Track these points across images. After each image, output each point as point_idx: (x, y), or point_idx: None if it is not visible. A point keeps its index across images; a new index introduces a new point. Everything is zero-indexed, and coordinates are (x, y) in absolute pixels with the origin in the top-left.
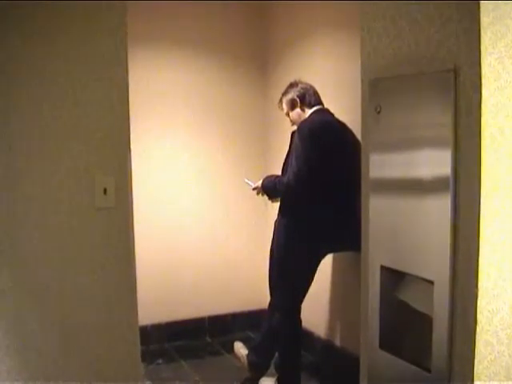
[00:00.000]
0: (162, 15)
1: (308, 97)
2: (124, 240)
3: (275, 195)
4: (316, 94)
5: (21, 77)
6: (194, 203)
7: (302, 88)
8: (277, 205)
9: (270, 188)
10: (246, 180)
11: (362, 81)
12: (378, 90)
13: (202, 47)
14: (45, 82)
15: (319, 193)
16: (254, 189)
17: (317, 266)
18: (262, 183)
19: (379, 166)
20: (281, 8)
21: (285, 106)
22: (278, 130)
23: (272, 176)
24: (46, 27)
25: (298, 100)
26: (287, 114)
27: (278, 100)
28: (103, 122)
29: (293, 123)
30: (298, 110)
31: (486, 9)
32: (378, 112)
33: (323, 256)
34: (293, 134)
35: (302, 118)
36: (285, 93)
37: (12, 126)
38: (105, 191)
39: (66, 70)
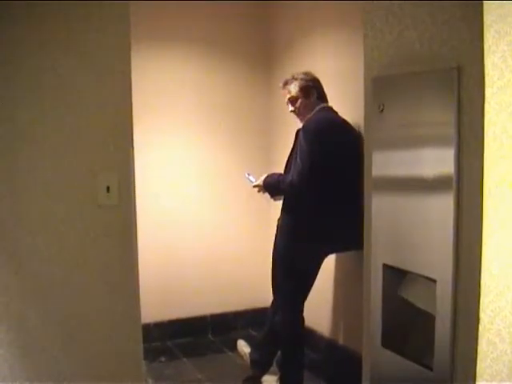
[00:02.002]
0: (165, 14)
1: (320, 91)
2: (127, 238)
3: (277, 194)
4: (321, 87)
5: (22, 75)
6: (197, 201)
7: (315, 79)
8: (279, 203)
9: (272, 186)
10: (247, 175)
11: (365, 79)
12: (380, 88)
13: (205, 46)
14: (47, 81)
15: (322, 193)
16: (254, 186)
17: (319, 266)
18: (265, 181)
19: (382, 164)
20: (284, 7)
21: (293, 90)
22: (282, 128)
23: (275, 174)
24: (48, 26)
25: (314, 90)
26: (292, 100)
27: (281, 98)
28: (106, 120)
29: (293, 111)
30: (311, 99)
31: (489, 7)
32: (381, 110)
33: (326, 256)
34: (298, 132)
35: (307, 110)
36: (296, 78)
37: (15, 124)
38: (108, 189)
39: (69, 67)
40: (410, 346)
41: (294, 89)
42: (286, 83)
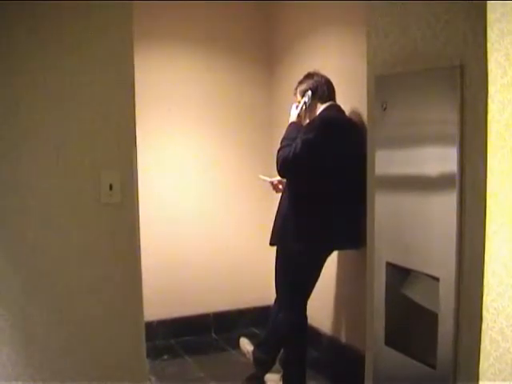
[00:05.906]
0: (166, 14)
1: (320, 91)
2: (129, 236)
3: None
4: (329, 88)
5: (27, 74)
6: (200, 199)
7: (315, 81)
8: None
9: (288, 134)
10: (261, 176)
11: (368, 77)
12: (383, 87)
13: (207, 46)
14: (51, 79)
15: (323, 189)
16: (271, 182)
17: (321, 264)
18: (289, 126)
19: (385, 162)
20: (285, 7)
21: (298, 96)
22: (283, 125)
23: (296, 129)
24: (51, 25)
25: (310, 92)
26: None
27: (282, 97)
28: (109, 118)
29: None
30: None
31: (492, 5)
32: (384, 109)
33: (328, 254)
34: None
35: (312, 111)
36: (300, 82)
37: (18, 121)
38: (110, 187)
39: (73, 66)
40: (413, 345)
41: (298, 95)
42: (295, 89)
